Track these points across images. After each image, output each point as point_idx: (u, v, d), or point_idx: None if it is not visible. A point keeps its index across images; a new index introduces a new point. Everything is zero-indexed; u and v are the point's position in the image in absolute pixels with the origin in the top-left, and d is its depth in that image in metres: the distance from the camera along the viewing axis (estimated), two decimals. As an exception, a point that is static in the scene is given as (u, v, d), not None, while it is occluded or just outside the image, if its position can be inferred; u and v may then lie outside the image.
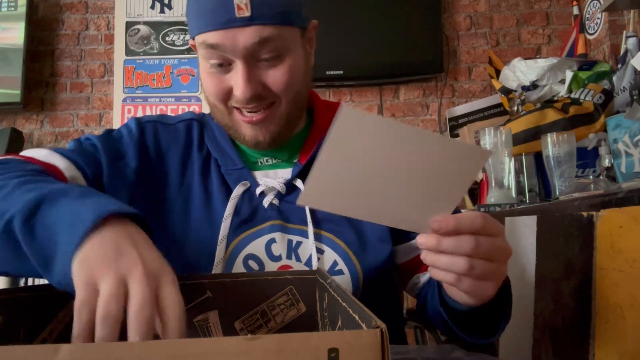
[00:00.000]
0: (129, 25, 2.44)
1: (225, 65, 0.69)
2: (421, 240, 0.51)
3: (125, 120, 2.36)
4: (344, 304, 0.38)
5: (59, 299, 0.55)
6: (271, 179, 0.77)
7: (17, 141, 2.27)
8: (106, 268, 0.39)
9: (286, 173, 0.78)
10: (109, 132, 0.78)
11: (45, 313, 0.53)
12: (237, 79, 0.68)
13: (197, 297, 0.58)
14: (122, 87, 2.41)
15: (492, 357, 0.59)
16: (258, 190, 0.75)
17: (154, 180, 0.76)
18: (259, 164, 0.80)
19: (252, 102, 0.69)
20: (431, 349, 0.61)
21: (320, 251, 0.72)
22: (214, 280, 0.58)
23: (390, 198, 0.48)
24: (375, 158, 0.45)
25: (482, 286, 0.52)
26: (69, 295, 0.57)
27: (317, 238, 0.72)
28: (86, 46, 2.48)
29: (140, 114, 2.40)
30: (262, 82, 0.69)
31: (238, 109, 0.71)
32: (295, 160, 0.79)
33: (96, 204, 0.45)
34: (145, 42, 2.44)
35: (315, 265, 0.71)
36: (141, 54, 2.43)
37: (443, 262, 0.50)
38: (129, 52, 2.43)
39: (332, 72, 2.25)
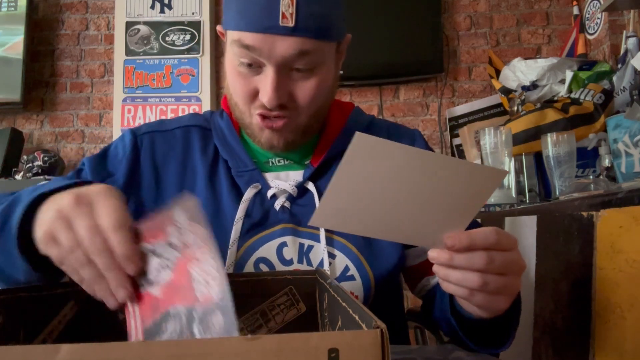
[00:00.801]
0: (129, 25, 2.44)
1: (255, 67, 0.67)
2: (433, 255, 0.51)
3: (125, 120, 2.38)
4: (344, 304, 0.38)
5: (58, 299, 0.55)
6: (282, 181, 0.76)
7: (17, 141, 2.28)
8: (53, 223, 0.45)
9: (297, 175, 0.78)
10: (104, 152, 0.78)
11: (45, 313, 0.53)
12: (265, 84, 0.66)
13: (197, 297, 0.58)
14: (122, 87, 2.41)
15: (492, 357, 0.59)
16: (269, 193, 0.75)
17: (147, 192, 0.75)
18: (270, 164, 0.79)
19: (275, 110, 0.69)
20: (432, 349, 0.60)
21: (332, 256, 0.72)
22: (214, 280, 0.58)
23: (403, 218, 0.49)
24: (389, 181, 0.46)
25: (495, 300, 0.52)
26: (69, 296, 0.57)
27: (329, 242, 0.72)
28: (86, 46, 2.48)
29: (140, 114, 2.40)
30: (290, 93, 0.68)
31: (260, 114, 0.70)
32: (307, 162, 0.78)
33: (38, 189, 0.52)
34: (145, 42, 2.44)
35: (326, 267, 0.70)
36: (141, 54, 2.43)
37: (455, 278, 0.50)
38: (129, 52, 2.43)
39: (332, 72, 2.25)
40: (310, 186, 0.76)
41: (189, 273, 0.43)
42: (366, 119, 0.85)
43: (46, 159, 2.22)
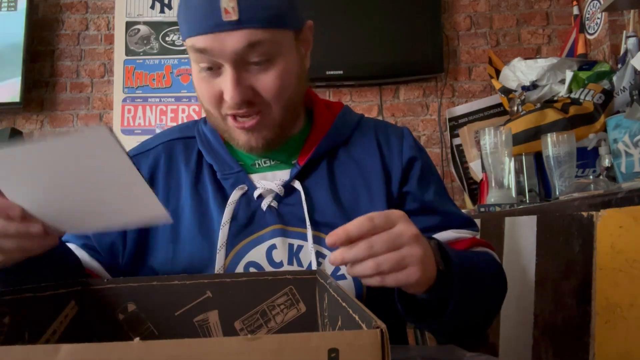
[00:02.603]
0: (129, 25, 2.44)
1: (215, 69, 0.68)
2: (331, 259, 0.54)
3: (125, 120, 2.38)
4: (344, 304, 0.38)
5: (60, 299, 0.55)
6: (269, 181, 0.76)
7: (17, 141, 2.27)
8: None
9: (284, 174, 0.77)
10: None
11: (48, 313, 0.53)
12: (226, 83, 0.67)
13: (197, 297, 0.58)
14: (122, 87, 2.41)
15: (492, 357, 0.59)
16: (256, 194, 0.74)
17: None
18: (257, 165, 0.78)
19: (243, 107, 0.68)
20: (432, 349, 0.61)
21: (322, 255, 0.71)
22: (214, 280, 0.58)
23: (92, 206, 0.52)
24: (37, 182, 0.49)
25: (404, 275, 0.53)
26: (69, 296, 0.57)
27: (317, 241, 0.72)
28: (86, 46, 2.48)
29: (140, 114, 2.40)
30: (252, 87, 0.68)
31: (231, 115, 0.70)
32: (294, 162, 0.78)
33: None
34: (145, 42, 2.44)
35: (314, 268, 0.70)
36: (141, 54, 2.43)
37: (355, 271, 0.53)
38: (129, 52, 2.43)
39: (332, 72, 2.25)
40: (297, 185, 0.75)
41: None
42: (355, 118, 0.84)
43: (46, 159, 2.22)
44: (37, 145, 0.47)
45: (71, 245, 0.74)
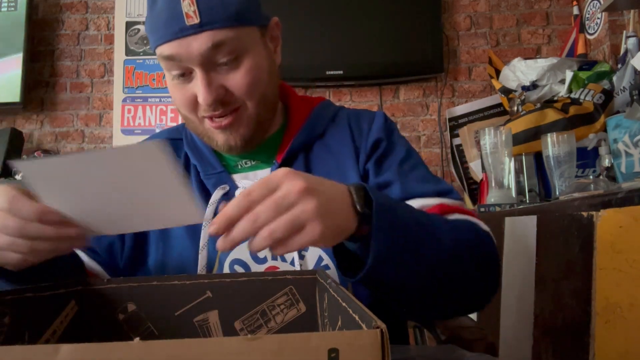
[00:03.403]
0: (129, 25, 2.44)
1: (186, 75, 0.69)
2: (218, 245, 0.49)
3: (125, 121, 2.38)
4: (344, 304, 0.38)
5: (60, 299, 0.55)
6: (250, 180, 0.77)
7: (17, 141, 2.27)
8: None
9: (265, 174, 0.78)
10: None
11: (48, 313, 0.53)
12: (198, 87, 0.68)
13: (197, 297, 0.58)
14: (122, 87, 2.41)
15: (492, 357, 0.59)
16: (237, 193, 0.75)
17: None
18: (239, 166, 0.79)
19: (218, 107, 0.69)
20: (431, 349, 0.61)
21: (304, 248, 0.72)
22: (214, 280, 0.58)
23: (129, 210, 0.54)
24: (87, 186, 0.51)
25: (305, 235, 0.48)
26: (69, 296, 0.57)
27: None
28: (86, 46, 2.48)
29: (140, 114, 2.40)
30: (224, 87, 0.69)
31: (207, 117, 0.71)
32: (274, 160, 0.79)
33: None
34: (145, 42, 2.44)
35: (297, 263, 0.71)
36: (141, 54, 2.43)
37: (254, 246, 0.49)
38: (129, 52, 2.43)
39: (332, 72, 2.25)
40: None
41: None
42: (331, 112, 0.84)
43: (46, 159, 2.22)
44: (84, 156, 0.50)
45: None
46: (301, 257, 0.71)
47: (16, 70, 2.30)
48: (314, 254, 0.72)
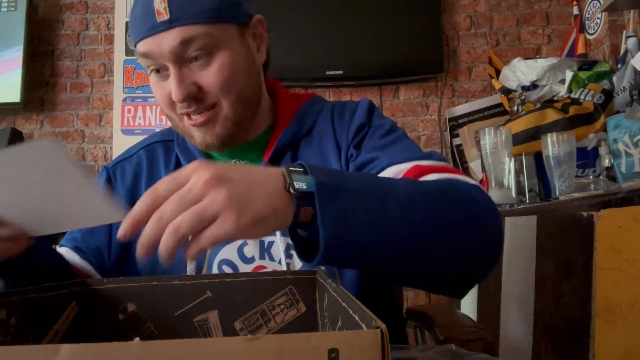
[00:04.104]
0: (129, 25, 2.44)
1: (162, 72, 0.70)
2: (138, 254, 0.46)
3: (125, 121, 2.38)
4: (344, 304, 0.38)
5: (62, 299, 0.55)
6: None
7: (17, 141, 2.27)
8: None
9: None
10: None
11: (50, 314, 0.53)
12: (171, 83, 0.68)
13: (197, 297, 0.58)
14: (122, 87, 2.41)
15: (492, 357, 0.59)
16: None
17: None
18: None
19: (191, 104, 0.69)
20: (432, 349, 0.60)
21: (292, 247, 0.72)
22: (214, 280, 0.58)
23: (44, 209, 0.54)
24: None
25: (217, 227, 0.44)
26: (70, 296, 0.57)
27: (286, 234, 0.72)
28: (86, 46, 2.48)
29: (140, 114, 2.40)
30: (196, 83, 0.69)
31: (185, 114, 0.71)
32: (262, 159, 0.78)
33: None
34: (145, 42, 2.44)
35: (284, 263, 0.71)
36: (141, 54, 2.43)
37: (162, 247, 0.44)
38: (129, 52, 2.43)
39: (332, 72, 2.25)
40: None
41: None
42: (320, 106, 0.82)
43: (46, 159, 2.22)
44: None
45: (64, 249, 0.77)
46: (289, 255, 0.71)
47: (16, 71, 2.30)
48: None
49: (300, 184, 0.48)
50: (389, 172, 0.67)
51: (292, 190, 0.47)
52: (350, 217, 0.49)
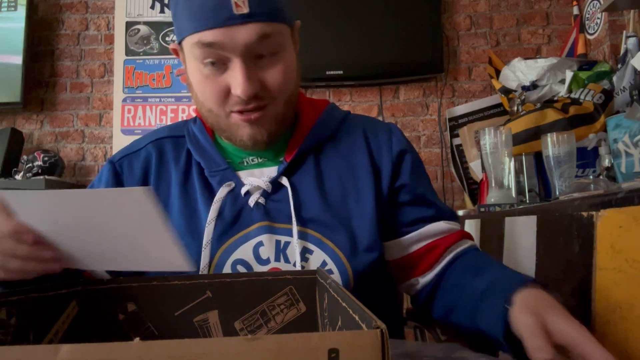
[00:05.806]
0: (129, 25, 2.44)
1: (219, 65, 0.67)
2: None
3: (125, 120, 2.38)
4: (344, 304, 0.38)
5: (62, 299, 0.55)
6: (256, 177, 0.76)
7: (17, 141, 2.27)
8: None
9: (272, 171, 0.77)
10: (90, 187, 0.83)
11: (51, 314, 0.53)
12: (236, 77, 0.66)
13: (197, 297, 0.58)
14: (122, 87, 2.41)
15: (492, 357, 0.59)
16: (243, 190, 0.74)
17: None
18: (245, 163, 0.79)
19: (251, 101, 0.68)
20: (435, 347, 0.60)
21: (309, 251, 0.71)
22: (214, 280, 0.58)
23: (113, 249, 0.55)
24: (66, 224, 0.52)
25: None
26: (71, 296, 0.57)
27: (304, 237, 0.72)
28: (86, 46, 2.48)
29: (140, 114, 2.40)
30: (261, 80, 0.68)
31: (237, 111, 0.70)
32: (281, 159, 0.78)
33: None
34: (145, 42, 2.44)
35: (298, 264, 0.70)
36: (141, 54, 2.43)
37: None
38: (129, 52, 2.43)
39: (332, 72, 2.25)
40: (285, 181, 0.75)
41: None
42: (340, 114, 0.85)
43: (46, 159, 2.22)
44: (68, 193, 0.50)
45: None
46: (305, 258, 0.71)
47: (16, 71, 2.30)
48: (318, 257, 0.71)
49: None
50: (443, 225, 0.78)
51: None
52: None
